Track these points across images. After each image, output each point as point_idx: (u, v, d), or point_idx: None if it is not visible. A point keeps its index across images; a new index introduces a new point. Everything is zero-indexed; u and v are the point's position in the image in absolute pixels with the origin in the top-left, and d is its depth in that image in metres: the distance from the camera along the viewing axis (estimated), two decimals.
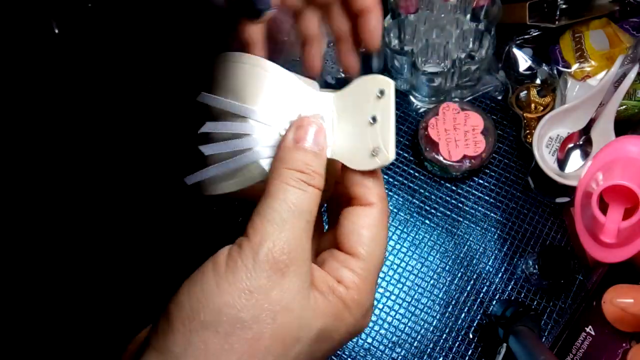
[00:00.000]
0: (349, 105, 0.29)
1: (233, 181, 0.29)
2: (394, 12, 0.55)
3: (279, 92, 0.29)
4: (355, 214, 0.27)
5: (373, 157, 0.27)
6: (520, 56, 0.59)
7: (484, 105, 0.62)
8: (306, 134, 0.27)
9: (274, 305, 0.23)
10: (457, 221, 0.57)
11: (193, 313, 0.22)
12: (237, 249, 0.24)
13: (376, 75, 0.28)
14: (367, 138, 0.28)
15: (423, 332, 0.53)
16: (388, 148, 0.27)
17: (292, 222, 0.24)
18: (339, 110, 0.29)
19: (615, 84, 0.50)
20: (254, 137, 0.28)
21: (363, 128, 0.28)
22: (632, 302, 0.30)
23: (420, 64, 0.57)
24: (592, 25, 0.57)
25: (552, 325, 0.52)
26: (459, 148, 0.56)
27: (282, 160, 0.27)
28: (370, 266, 0.27)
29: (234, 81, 0.30)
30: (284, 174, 0.26)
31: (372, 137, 0.27)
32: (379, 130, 0.27)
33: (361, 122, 0.28)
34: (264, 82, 0.29)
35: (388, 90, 0.27)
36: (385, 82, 0.27)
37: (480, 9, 0.54)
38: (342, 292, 0.25)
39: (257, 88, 0.29)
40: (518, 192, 0.58)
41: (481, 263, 0.56)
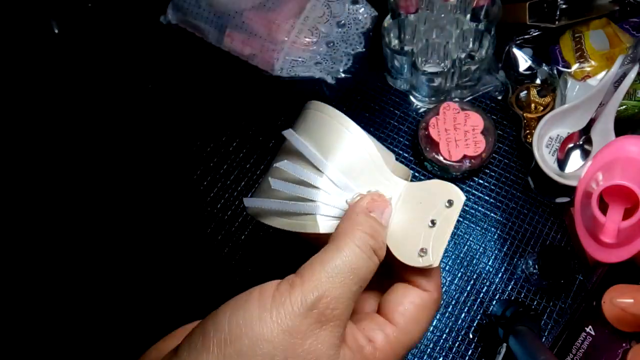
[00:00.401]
0: (416, 199, 0.30)
1: (285, 220, 0.30)
2: (394, 12, 0.55)
3: (356, 158, 0.30)
4: (409, 292, 0.28)
5: (419, 256, 0.28)
6: (520, 56, 0.59)
7: (484, 105, 0.62)
8: (378, 208, 0.29)
9: (307, 353, 0.23)
10: (457, 221, 0.57)
11: (231, 338, 0.23)
12: (288, 287, 0.24)
13: (453, 186, 0.29)
14: (420, 237, 0.28)
15: None
16: (435, 254, 0.28)
17: (348, 284, 0.25)
18: (405, 198, 0.30)
19: (615, 84, 0.50)
20: (320, 192, 0.29)
21: (420, 226, 0.29)
22: (632, 302, 0.30)
23: (420, 64, 0.57)
24: (592, 25, 0.57)
25: (552, 325, 0.52)
26: (459, 148, 0.56)
27: (355, 222, 0.27)
28: (404, 340, 0.27)
29: (315, 128, 0.31)
30: (357, 235, 0.27)
31: (425, 237, 0.28)
32: (434, 235, 0.28)
33: (421, 220, 0.29)
34: (344, 142, 0.30)
35: (457, 204, 0.28)
36: (458, 195, 0.29)
37: (480, 9, 0.54)
38: (369, 354, 0.26)
39: (336, 145, 0.30)
40: (518, 192, 0.58)
41: (481, 263, 0.56)
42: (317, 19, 0.59)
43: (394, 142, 0.61)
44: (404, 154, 0.61)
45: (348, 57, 0.61)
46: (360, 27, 0.60)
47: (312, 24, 0.59)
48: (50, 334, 0.55)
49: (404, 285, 0.29)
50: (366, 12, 0.60)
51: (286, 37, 0.58)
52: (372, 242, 0.27)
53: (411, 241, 0.28)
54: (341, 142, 0.30)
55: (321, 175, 0.30)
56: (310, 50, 0.58)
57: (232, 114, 0.64)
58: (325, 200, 0.29)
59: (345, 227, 0.27)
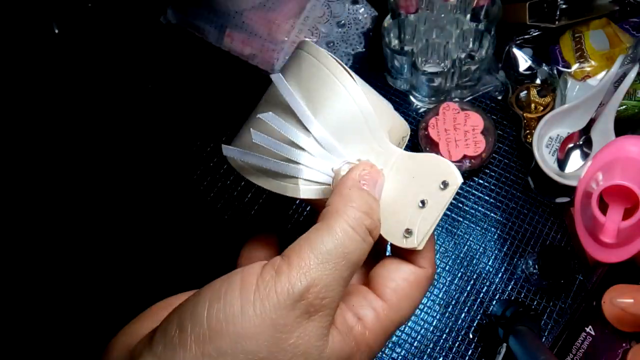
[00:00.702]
0: (409, 173, 0.27)
1: (266, 179, 0.28)
2: (394, 12, 0.55)
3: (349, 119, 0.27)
4: (402, 267, 0.27)
5: (404, 236, 0.26)
6: (520, 56, 0.59)
7: (484, 105, 0.62)
8: (371, 180, 0.26)
9: (294, 347, 0.22)
10: (457, 221, 0.57)
11: (211, 334, 0.21)
12: (273, 273, 0.22)
13: (450, 166, 0.26)
14: (407, 216, 0.26)
15: (423, 332, 0.53)
16: (420, 237, 0.26)
17: (340, 269, 0.23)
18: (397, 169, 0.28)
19: (615, 84, 0.50)
20: (305, 153, 0.27)
21: (409, 204, 0.27)
22: (632, 302, 0.30)
23: (420, 64, 0.57)
24: (592, 25, 0.57)
25: (552, 325, 0.52)
26: (459, 148, 0.56)
27: (348, 198, 0.25)
28: (395, 317, 0.26)
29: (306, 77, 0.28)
30: (350, 214, 0.24)
31: (412, 217, 0.26)
32: (423, 217, 0.26)
33: (411, 197, 0.27)
34: (337, 99, 0.27)
35: (453, 187, 0.26)
36: (454, 177, 0.26)
37: (480, 9, 0.54)
38: (358, 334, 0.24)
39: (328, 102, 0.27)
40: (518, 192, 0.58)
41: (481, 263, 0.56)
42: (317, 19, 0.59)
43: None
44: None
45: (348, 57, 0.61)
46: (360, 27, 0.60)
47: (312, 24, 0.59)
48: (49, 334, 0.55)
49: (396, 259, 0.27)
50: (366, 12, 0.61)
51: (286, 37, 0.58)
52: (368, 221, 0.24)
53: (397, 218, 0.26)
54: (334, 98, 0.27)
55: (308, 135, 0.27)
56: None
57: (232, 114, 0.64)
58: (310, 163, 0.27)
59: (336, 204, 0.25)
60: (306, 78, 0.27)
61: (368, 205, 0.25)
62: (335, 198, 0.25)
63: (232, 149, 0.29)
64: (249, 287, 0.22)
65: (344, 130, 0.27)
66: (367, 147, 0.27)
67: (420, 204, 0.26)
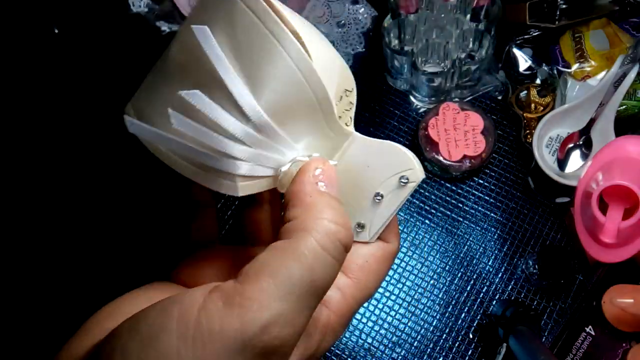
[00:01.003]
0: (364, 161, 0.24)
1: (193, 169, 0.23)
2: (394, 12, 0.55)
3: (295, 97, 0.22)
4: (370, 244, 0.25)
5: (355, 230, 0.24)
6: (520, 56, 0.59)
7: (484, 105, 0.62)
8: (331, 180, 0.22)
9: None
10: (457, 221, 0.57)
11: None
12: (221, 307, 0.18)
13: (412, 159, 0.23)
14: (360, 209, 0.24)
15: (423, 332, 0.53)
16: (374, 232, 0.24)
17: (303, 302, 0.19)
18: (350, 155, 0.24)
19: (615, 84, 0.50)
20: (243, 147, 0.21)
21: (363, 196, 0.24)
22: (632, 302, 0.30)
23: (420, 64, 0.57)
24: (592, 25, 0.57)
25: (552, 325, 0.52)
26: (459, 148, 0.56)
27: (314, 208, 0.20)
28: (361, 296, 0.24)
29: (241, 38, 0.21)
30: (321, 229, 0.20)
31: (365, 211, 0.24)
32: (378, 212, 0.23)
33: (365, 189, 0.23)
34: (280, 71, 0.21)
35: (413, 184, 0.23)
36: (415, 173, 0.23)
37: (480, 9, 0.54)
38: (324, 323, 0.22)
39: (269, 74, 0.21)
40: (518, 192, 0.58)
41: (481, 263, 0.56)
42: (317, 19, 0.59)
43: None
44: None
45: (348, 57, 0.61)
46: (360, 27, 0.60)
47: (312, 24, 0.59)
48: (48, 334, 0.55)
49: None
50: (366, 12, 0.61)
51: None
52: (342, 233, 0.20)
53: (349, 210, 0.23)
54: (277, 70, 0.21)
55: (246, 121, 0.21)
56: None
57: None
58: (249, 157, 0.22)
59: (302, 218, 0.20)
60: (241, 38, 0.21)
61: (338, 213, 0.21)
62: (297, 210, 0.21)
63: (142, 127, 0.22)
64: (188, 324, 0.17)
65: (289, 112, 0.22)
66: (317, 131, 0.23)
67: (376, 197, 0.23)
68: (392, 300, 0.54)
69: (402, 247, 0.57)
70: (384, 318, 0.54)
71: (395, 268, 0.56)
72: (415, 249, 0.56)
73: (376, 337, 0.53)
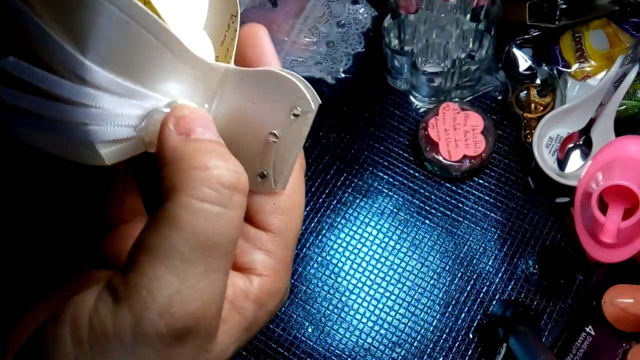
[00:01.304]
0: (246, 97, 0.20)
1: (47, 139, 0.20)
2: (394, 12, 0.55)
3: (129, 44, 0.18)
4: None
5: (258, 180, 0.20)
6: (520, 56, 0.59)
7: (484, 105, 0.62)
8: (195, 123, 0.18)
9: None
10: (457, 221, 0.57)
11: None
12: (110, 306, 0.16)
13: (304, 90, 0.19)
14: (256, 154, 0.20)
15: (423, 332, 0.53)
16: (279, 178, 0.20)
17: (201, 265, 0.16)
18: (230, 93, 0.20)
19: (615, 84, 0.50)
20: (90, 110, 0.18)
21: (256, 139, 0.20)
22: (632, 302, 0.30)
23: (420, 64, 0.57)
24: (592, 25, 0.57)
25: (552, 325, 0.52)
26: (459, 148, 0.56)
27: (179, 159, 0.17)
28: (288, 240, 0.20)
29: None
30: (193, 180, 0.16)
31: (263, 155, 0.20)
32: (276, 153, 0.20)
33: (257, 130, 0.20)
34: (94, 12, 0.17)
35: (306, 116, 0.19)
36: (306, 104, 0.19)
37: (480, 9, 0.54)
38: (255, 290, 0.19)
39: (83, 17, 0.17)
40: (518, 192, 0.58)
41: (481, 263, 0.56)
42: (317, 19, 0.59)
43: (394, 142, 0.61)
44: (404, 154, 0.61)
45: (348, 57, 0.61)
46: (360, 27, 0.60)
47: (312, 24, 0.59)
48: None
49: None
50: (366, 12, 0.61)
51: (286, 37, 0.58)
52: (223, 176, 0.17)
53: (244, 158, 0.20)
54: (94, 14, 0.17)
55: (80, 80, 0.18)
56: (310, 50, 0.58)
57: None
58: (96, 119, 0.18)
59: (169, 176, 0.17)
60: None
61: (213, 155, 0.17)
62: (165, 170, 0.17)
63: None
64: (81, 328, 0.16)
65: (127, 58, 0.18)
66: (174, 72, 0.19)
67: (271, 137, 0.20)
68: (392, 300, 0.54)
69: (402, 247, 0.57)
70: (384, 318, 0.54)
71: (395, 268, 0.56)
72: (415, 249, 0.56)
73: (376, 337, 0.53)
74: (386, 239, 0.57)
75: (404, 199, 0.59)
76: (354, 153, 0.61)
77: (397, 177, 0.60)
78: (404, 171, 0.60)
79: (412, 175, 0.60)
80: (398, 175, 0.60)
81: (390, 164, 0.60)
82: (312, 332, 0.53)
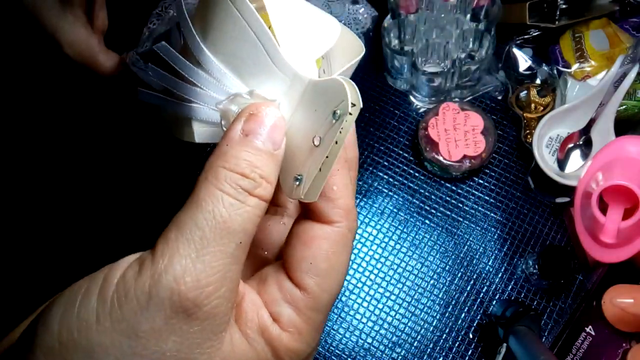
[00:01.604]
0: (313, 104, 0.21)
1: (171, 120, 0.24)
2: (394, 12, 0.55)
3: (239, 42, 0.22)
4: (310, 233, 0.21)
5: (294, 184, 0.21)
6: (520, 56, 0.59)
7: (484, 105, 0.62)
8: (260, 127, 0.20)
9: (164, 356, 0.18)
10: (457, 221, 0.57)
11: (61, 349, 0.17)
12: (136, 270, 0.18)
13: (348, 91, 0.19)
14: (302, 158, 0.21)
15: (423, 332, 0.53)
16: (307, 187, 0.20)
17: (217, 246, 0.18)
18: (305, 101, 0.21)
19: (615, 84, 0.50)
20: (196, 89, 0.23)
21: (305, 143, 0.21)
22: (632, 302, 0.30)
23: (420, 64, 0.57)
24: (592, 25, 0.57)
25: (552, 325, 0.52)
26: (459, 148, 0.56)
27: (220, 155, 0.20)
28: (321, 304, 0.21)
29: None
30: (220, 175, 0.19)
31: (304, 159, 0.21)
32: (313, 158, 0.20)
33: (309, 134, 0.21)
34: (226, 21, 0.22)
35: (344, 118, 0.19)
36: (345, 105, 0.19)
37: (480, 9, 0.54)
38: (274, 336, 0.20)
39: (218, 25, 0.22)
40: (518, 192, 0.58)
41: (481, 263, 0.56)
42: None
43: (394, 142, 0.61)
44: (404, 154, 0.61)
45: None
46: (360, 27, 0.60)
47: None
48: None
49: (304, 224, 0.21)
50: (366, 12, 0.61)
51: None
52: (243, 181, 0.19)
53: (292, 163, 0.21)
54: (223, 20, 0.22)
55: (197, 63, 0.22)
56: None
57: None
58: (198, 96, 0.23)
59: (206, 167, 0.20)
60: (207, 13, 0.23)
61: (245, 162, 0.20)
62: (210, 158, 0.20)
63: (147, 93, 0.24)
64: (109, 289, 0.18)
65: (233, 52, 0.22)
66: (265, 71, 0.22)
67: (316, 141, 0.20)
68: (392, 300, 0.54)
69: (402, 247, 0.57)
70: (384, 318, 0.54)
71: (395, 268, 0.56)
72: (415, 249, 0.56)
73: (376, 337, 0.53)
74: (386, 239, 0.57)
75: (404, 199, 0.59)
76: None
77: (397, 177, 0.60)
78: (404, 171, 0.60)
79: (412, 175, 0.60)
80: (398, 175, 0.60)
81: (390, 164, 0.60)
82: None
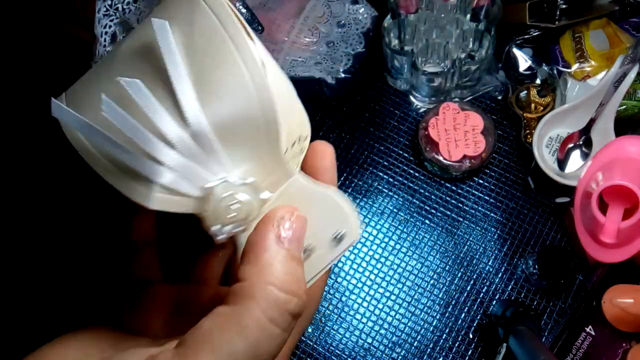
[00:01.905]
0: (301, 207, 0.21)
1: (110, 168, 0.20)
2: (394, 12, 0.55)
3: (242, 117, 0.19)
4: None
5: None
6: (520, 56, 0.59)
7: (484, 105, 0.62)
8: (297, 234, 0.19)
9: None
10: (457, 221, 0.57)
11: None
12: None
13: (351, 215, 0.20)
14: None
15: (423, 332, 0.53)
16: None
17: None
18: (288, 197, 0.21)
19: (615, 84, 0.50)
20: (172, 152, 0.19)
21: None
22: (632, 302, 0.30)
23: (420, 64, 0.57)
24: (592, 25, 0.57)
25: (552, 325, 0.52)
26: (459, 148, 0.56)
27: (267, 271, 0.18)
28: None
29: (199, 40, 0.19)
30: (271, 297, 0.18)
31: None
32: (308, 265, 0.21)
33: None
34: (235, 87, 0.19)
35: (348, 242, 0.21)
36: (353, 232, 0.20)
37: (480, 9, 0.54)
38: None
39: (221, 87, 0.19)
40: (518, 192, 0.58)
41: (481, 263, 0.56)
42: (317, 19, 0.59)
43: (394, 142, 0.61)
44: (404, 154, 0.61)
45: (348, 57, 0.61)
46: (360, 27, 0.60)
47: (312, 24, 0.59)
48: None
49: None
50: (366, 12, 0.61)
51: (286, 37, 0.58)
52: (293, 303, 0.18)
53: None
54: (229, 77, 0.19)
55: (184, 125, 0.19)
56: (310, 50, 0.58)
57: None
58: (176, 165, 0.19)
59: (251, 281, 0.18)
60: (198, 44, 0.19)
61: (294, 278, 0.18)
62: (250, 270, 0.18)
63: (68, 112, 0.19)
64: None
65: (232, 128, 0.19)
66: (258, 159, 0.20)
67: (307, 250, 0.21)
68: (392, 300, 0.54)
69: (402, 247, 0.57)
70: (384, 318, 0.54)
71: (395, 268, 0.56)
72: (415, 249, 0.56)
73: (376, 337, 0.53)
74: (386, 239, 0.57)
75: (404, 199, 0.59)
76: (354, 153, 0.61)
77: (397, 177, 0.60)
78: (404, 171, 0.60)
79: (412, 175, 0.60)
80: (398, 175, 0.60)
81: (390, 164, 0.60)
82: (312, 332, 0.53)
